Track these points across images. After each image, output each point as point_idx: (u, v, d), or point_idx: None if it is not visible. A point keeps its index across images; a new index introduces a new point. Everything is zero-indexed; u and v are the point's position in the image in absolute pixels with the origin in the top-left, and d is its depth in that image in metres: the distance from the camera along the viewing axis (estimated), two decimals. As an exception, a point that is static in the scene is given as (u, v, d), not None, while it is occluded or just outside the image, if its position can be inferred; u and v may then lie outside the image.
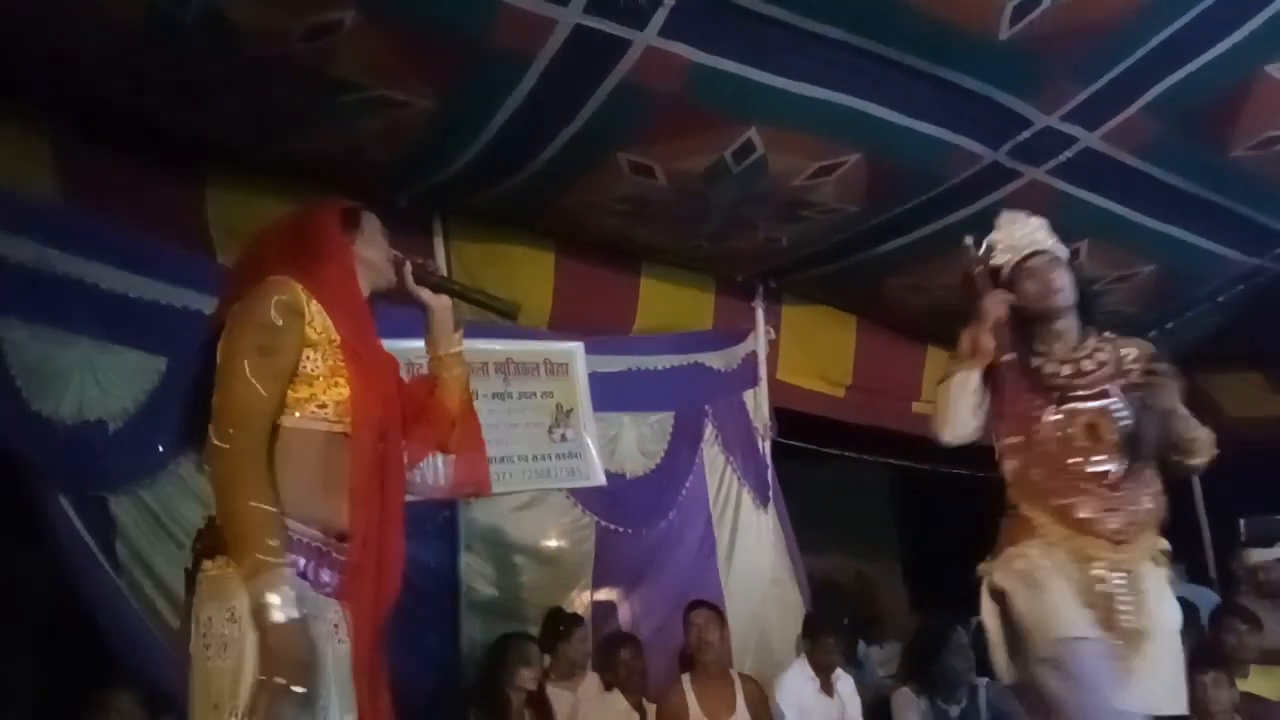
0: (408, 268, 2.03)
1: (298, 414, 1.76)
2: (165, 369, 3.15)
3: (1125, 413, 2.39)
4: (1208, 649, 3.76)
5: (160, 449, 3.07)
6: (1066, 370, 2.45)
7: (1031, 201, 3.75)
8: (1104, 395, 2.42)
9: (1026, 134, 3.42)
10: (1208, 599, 4.43)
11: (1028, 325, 2.51)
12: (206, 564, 1.69)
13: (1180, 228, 4.05)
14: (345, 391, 1.78)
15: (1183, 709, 2.34)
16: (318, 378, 1.77)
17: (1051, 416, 2.42)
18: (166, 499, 3.14)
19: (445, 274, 2.09)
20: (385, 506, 1.83)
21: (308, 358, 1.77)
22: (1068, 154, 3.53)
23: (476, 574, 3.89)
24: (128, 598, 3.03)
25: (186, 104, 2.92)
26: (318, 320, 1.79)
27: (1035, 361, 2.48)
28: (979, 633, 2.60)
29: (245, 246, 2.00)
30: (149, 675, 2.88)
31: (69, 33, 2.66)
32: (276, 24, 2.64)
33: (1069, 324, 2.50)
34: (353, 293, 1.90)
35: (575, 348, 4.25)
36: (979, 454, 5.41)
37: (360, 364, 1.82)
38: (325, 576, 1.74)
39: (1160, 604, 2.33)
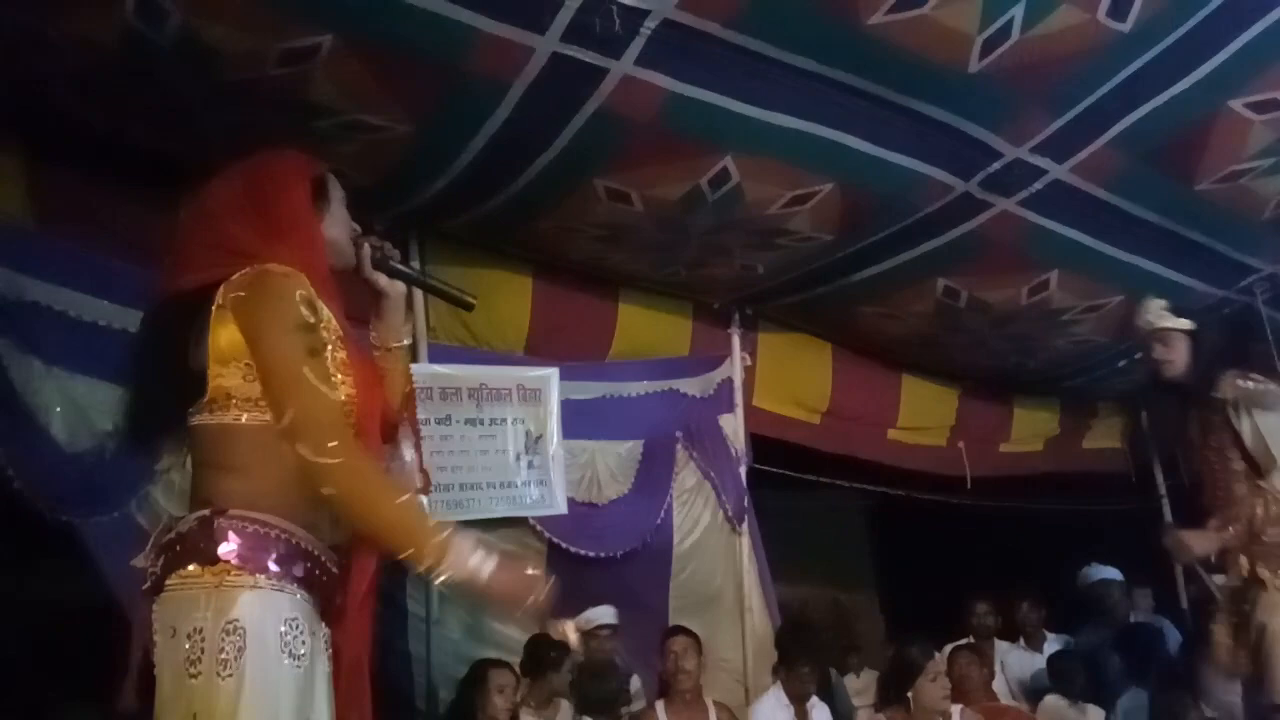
0: (365, 250, 1.84)
1: None
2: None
3: None
4: (1181, 675, 3.79)
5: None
6: None
7: (1003, 232, 3.83)
8: None
9: (997, 165, 3.47)
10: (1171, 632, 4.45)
11: None
12: (191, 569, 1.51)
13: (1148, 259, 4.10)
14: (351, 388, 1.65)
15: None
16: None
17: None
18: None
19: (402, 260, 1.91)
20: None
21: None
22: (1037, 185, 3.58)
23: (439, 599, 3.82)
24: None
25: (161, 126, 2.91)
26: (322, 313, 1.65)
27: None
28: None
29: (196, 209, 1.72)
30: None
31: (42, 54, 2.65)
32: (254, 48, 2.64)
33: None
34: (330, 281, 1.72)
35: (550, 374, 4.23)
36: (955, 482, 5.42)
37: (359, 356, 1.71)
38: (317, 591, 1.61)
39: None
